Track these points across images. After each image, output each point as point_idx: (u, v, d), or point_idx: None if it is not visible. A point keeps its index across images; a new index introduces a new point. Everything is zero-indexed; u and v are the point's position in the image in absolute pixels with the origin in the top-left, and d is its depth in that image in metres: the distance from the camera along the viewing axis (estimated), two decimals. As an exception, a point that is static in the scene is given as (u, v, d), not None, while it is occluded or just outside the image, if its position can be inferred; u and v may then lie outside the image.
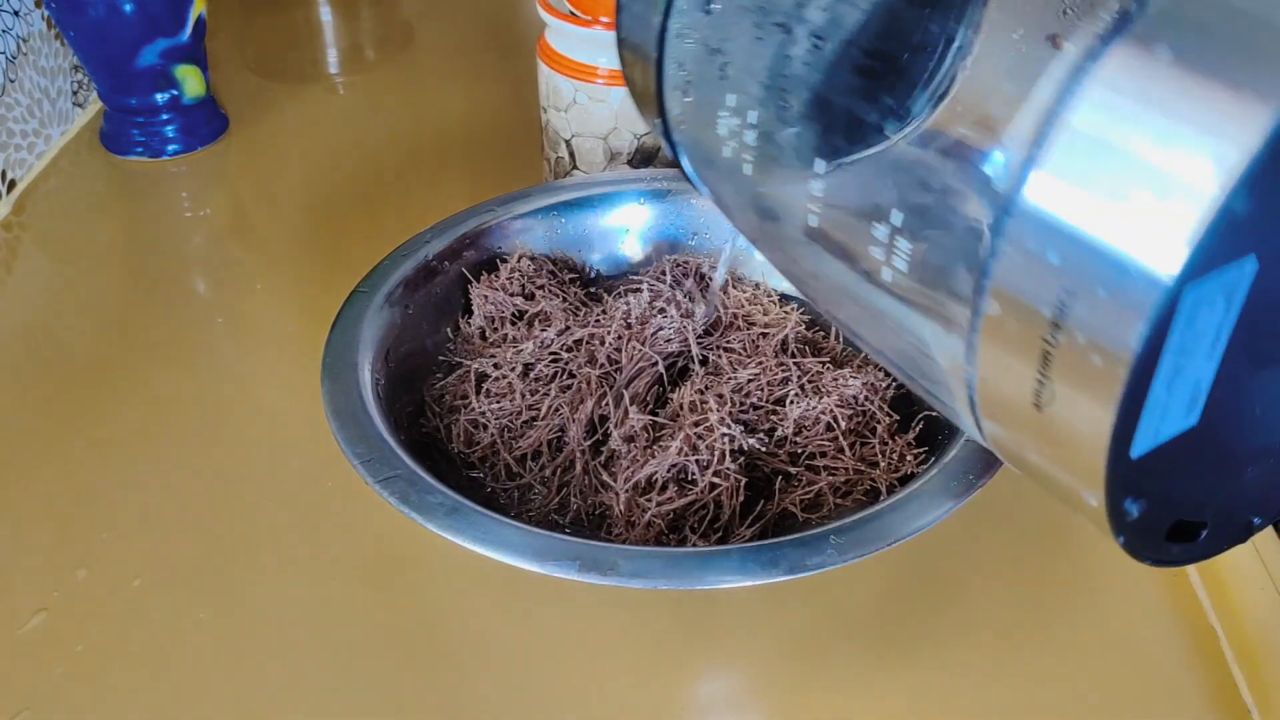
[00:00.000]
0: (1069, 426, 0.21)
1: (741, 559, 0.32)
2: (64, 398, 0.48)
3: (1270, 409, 0.23)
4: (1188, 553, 0.24)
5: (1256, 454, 0.24)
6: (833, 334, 0.46)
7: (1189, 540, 0.24)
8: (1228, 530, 0.24)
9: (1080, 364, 0.20)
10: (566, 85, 0.54)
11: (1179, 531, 0.23)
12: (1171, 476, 0.22)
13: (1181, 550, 0.24)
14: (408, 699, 0.35)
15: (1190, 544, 0.24)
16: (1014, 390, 0.22)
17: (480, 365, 0.44)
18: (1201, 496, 0.23)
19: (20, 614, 0.38)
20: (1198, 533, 0.24)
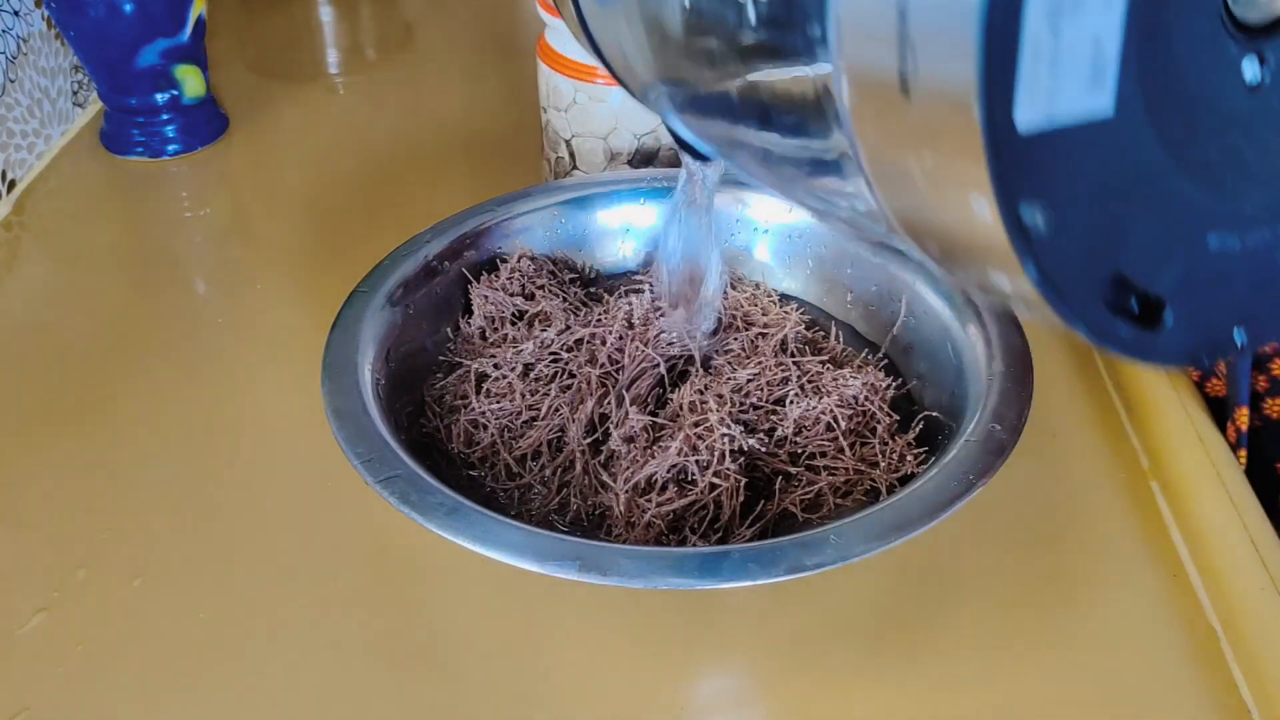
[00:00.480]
0: (938, 98, 0.17)
1: (741, 559, 0.32)
2: (64, 397, 0.48)
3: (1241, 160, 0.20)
4: (1143, 342, 0.20)
5: (1224, 219, 0.20)
6: (833, 334, 0.47)
7: (1147, 324, 0.20)
8: (1201, 329, 0.21)
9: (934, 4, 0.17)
10: (566, 85, 0.54)
11: (1131, 304, 0.20)
12: (1092, 194, 0.18)
13: (1135, 335, 0.20)
14: (408, 699, 0.35)
15: (1147, 329, 0.20)
16: (880, 80, 0.18)
17: (480, 365, 0.44)
18: (1147, 250, 0.19)
19: (20, 614, 0.38)
20: (1157, 314, 0.20)
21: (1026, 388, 0.39)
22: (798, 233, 0.50)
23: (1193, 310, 0.21)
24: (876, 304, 0.48)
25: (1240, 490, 0.41)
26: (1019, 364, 0.40)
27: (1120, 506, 0.42)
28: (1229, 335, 0.21)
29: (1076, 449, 0.45)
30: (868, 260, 0.48)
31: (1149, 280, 0.20)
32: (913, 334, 0.46)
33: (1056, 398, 0.47)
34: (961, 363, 0.42)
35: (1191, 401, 0.45)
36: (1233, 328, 0.21)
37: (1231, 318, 0.21)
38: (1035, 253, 0.18)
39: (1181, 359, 0.21)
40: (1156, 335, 0.20)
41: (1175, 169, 0.19)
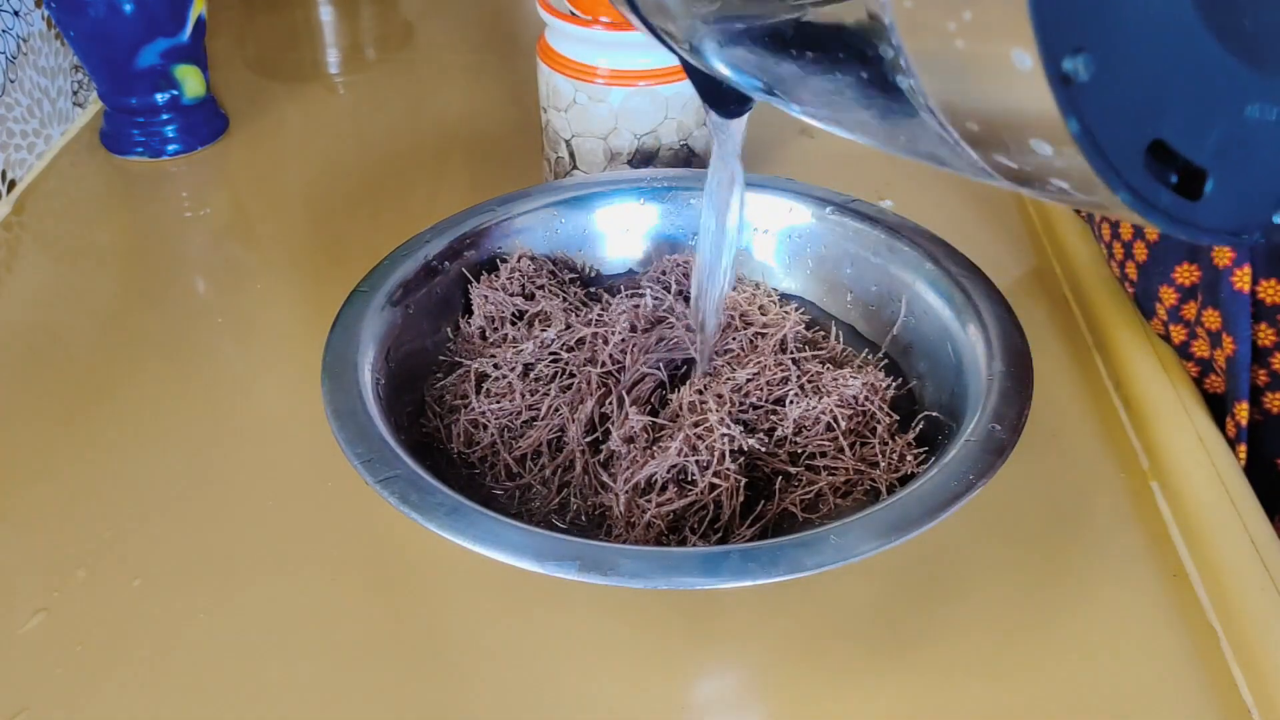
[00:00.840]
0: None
1: (741, 559, 0.32)
2: (64, 397, 0.48)
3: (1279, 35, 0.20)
4: (1183, 210, 0.20)
5: (1262, 92, 0.20)
6: (832, 334, 0.47)
7: (1188, 193, 0.20)
8: (1241, 204, 0.21)
9: None
10: (566, 85, 0.54)
11: (1172, 171, 0.20)
12: (1132, 51, 0.19)
13: (1175, 203, 0.20)
14: (407, 699, 0.35)
15: (1188, 198, 0.20)
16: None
17: (480, 365, 0.44)
18: (1186, 116, 0.20)
19: (20, 614, 0.38)
20: (1198, 184, 0.20)
21: (1026, 388, 0.39)
22: (798, 233, 0.50)
23: (1232, 183, 0.21)
24: (876, 304, 0.48)
25: (1240, 490, 0.41)
26: (1019, 364, 0.40)
27: (1120, 506, 0.42)
28: (1269, 215, 0.22)
29: (1076, 449, 0.45)
30: (868, 260, 0.48)
31: (1189, 148, 0.20)
32: (912, 334, 0.46)
33: (1056, 398, 0.47)
34: (961, 363, 0.42)
35: (1192, 401, 0.45)
36: (1273, 208, 0.21)
37: (1272, 197, 0.21)
38: (1078, 106, 0.18)
39: (1221, 234, 0.21)
40: (1196, 205, 0.20)
41: (1213, 36, 0.20)
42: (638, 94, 0.53)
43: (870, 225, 0.48)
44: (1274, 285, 0.41)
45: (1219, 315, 0.43)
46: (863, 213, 0.49)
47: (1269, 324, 0.41)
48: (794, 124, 0.69)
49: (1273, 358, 0.42)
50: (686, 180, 0.52)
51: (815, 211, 0.50)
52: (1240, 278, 0.41)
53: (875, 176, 0.64)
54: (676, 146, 0.56)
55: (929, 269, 0.46)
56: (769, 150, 0.66)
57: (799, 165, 0.65)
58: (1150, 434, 0.44)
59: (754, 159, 0.65)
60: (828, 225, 0.50)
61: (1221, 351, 0.43)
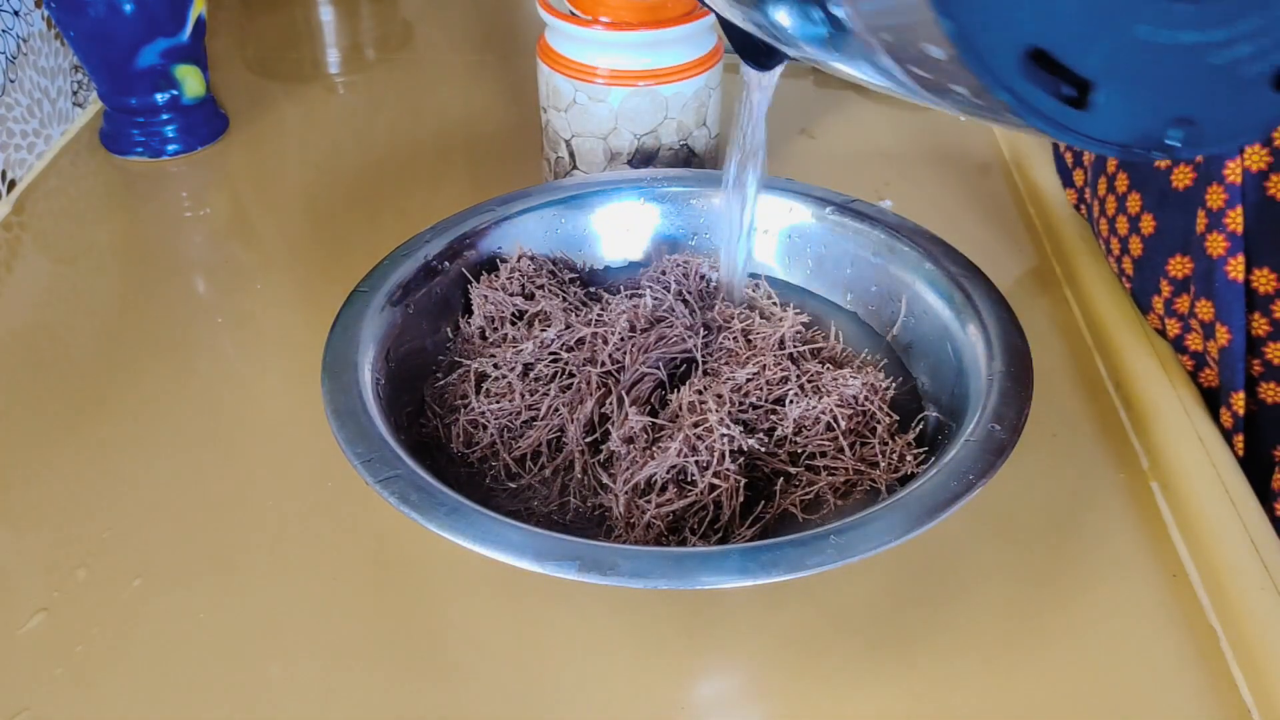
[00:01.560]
0: None
1: (741, 559, 0.32)
2: (64, 398, 0.48)
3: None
4: (1067, 117, 0.21)
5: (1153, 14, 0.21)
6: (832, 334, 0.47)
7: (1077, 103, 0.21)
8: (1134, 119, 0.22)
9: None
10: (566, 85, 0.54)
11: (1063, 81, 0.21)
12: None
13: (1059, 110, 0.21)
14: (407, 699, 0.35)
15: (1074, 107, 0.21)
16: None
17: (480, 365, 0.44)
18: (1070, 28, 0.21)
19: (20, 614, 0.38)
20: (1086, 95, 0.21)
21: (1026, 388, 0.39)
22: (798, 233, 0.50)
23: (1122, 98, 0.21)
24: (876, 304, 0.48)
25: (1240, 490, 0.41)
26: (1019, 364, 0.40)
27: (1120, 506, 0.42)
28: (1162, 133, 0.22)
29: (1076, 449, 0.45)
30: (867, 260, 0.48)
31: (1074, 59, 0.21)
32: (912, 334, 0.46)
33: (1056, 398, 0.47)
34: (961, 363, 0.42)
35: (1191, 401, 0.45)
36: (1168, 125, 0.22)
37: (1166, 115, 0.22)
38: (950, 7, 0.19)
39: (1109, 144, 0.22)
40: (1083, 115, 0.21)
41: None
42: (638, 94, 0.53)
43: (870, 225, 0.48)
44: (1266, 274, 0.41)
45: (1211, 306, 0.43)
46: (863, 213, 0.49)
47: (1262, 313, 0.42)
48: (794, 124, 0.69)
49: (1266, 348, 0.42)
50: (686, 180, 0.52)
51: (815, 211, 0.50)
52: (1234, 267, 0.41)
53: (875, 176, 0.64)
54: (676, 146, 0.56)
55: (929, 269, 0.46)
56: (769, 150, 0.66)
57: (799, 165, 0.65)
58: (1150, 434, 0.44)
59: (754, 159, 0.65)
60: (828, 225, 0.50)
61: (1214, 343, 0.43)
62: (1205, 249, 0.42)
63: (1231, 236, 0.41)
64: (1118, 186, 0.48)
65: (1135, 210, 0.47)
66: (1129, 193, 0.47)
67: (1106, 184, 0.50)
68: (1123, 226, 0.48)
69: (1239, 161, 0.41)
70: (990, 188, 0.63)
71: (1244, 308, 0.42)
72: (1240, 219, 0.41)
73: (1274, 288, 0.41)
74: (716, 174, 0.52)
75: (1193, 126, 0.23)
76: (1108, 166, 0.50)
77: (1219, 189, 0.41)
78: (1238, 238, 0.41)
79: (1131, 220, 0.47)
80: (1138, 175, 0.47)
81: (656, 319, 0.46)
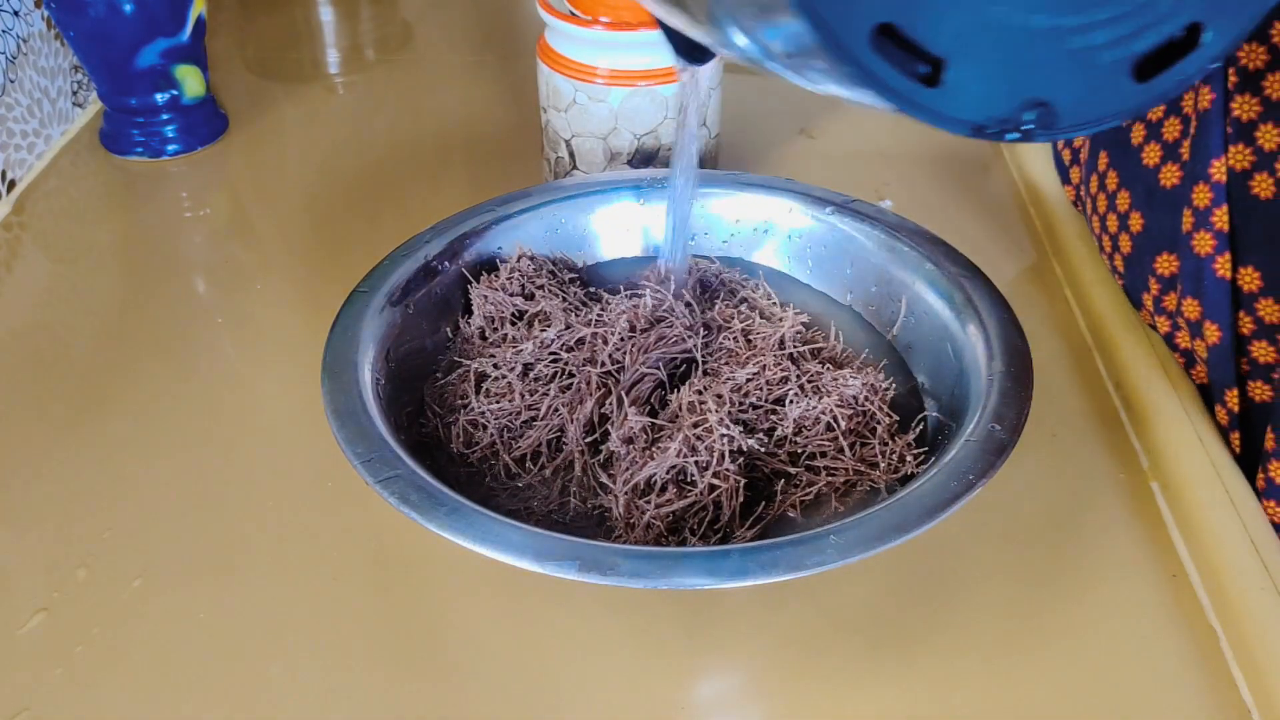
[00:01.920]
0: None
1: (741, 559, 0.32)
2: (64, 398, 0.48)
3: None
4: (918, 95, 0.21)
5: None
6: (832, 334, 0.47)
7: (929, 80, 0.21)
8: (987, 99, 0.22)
9: None
10: (566, 85, 0.54)
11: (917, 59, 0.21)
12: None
13: (909, 87, 0.21)
14: (407, 699, 0.35)
15: (926, 85, 0.21)
16: None
17: (480, 365, 0.44)
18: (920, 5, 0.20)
19: (20, 614, 0.38)
20: (938, 73, 0.21)
21: (1026, 388, 0.39)
22: (798, 233, 0.50)
23: (976, 78, 0.21)
24: (876, 304, 0.48)
25: (1240, 490, 0.41)
26: (1019, 364, 0.40)
27: (1120, 506, 0.42)
28: (1018, 115, 0.22)
29: (1076, 449, 0.45)
30: (867, 260, 0.48)
31: (924, 37, 0.21)
32: (913, 334, 0.46)
33: (1056, 398, 0.47)
34: (961, 363, 0.42)
35: (1191, 401, 0.45)
36: (1021, 107, 0.22)
37: (1019, 97, 0.22)
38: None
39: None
40: (935, 92, 0.21)
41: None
42: (638, 94, 0.53)
43: (870, 225, 0.48)
44: (1251, 272, 0.41)
45: (1198, 305, 0.43)
46: (863, 213, 0.49)
47: (1247, 312, 0.42)
48: (794, 124, 0.69)
49: (1251, 346, 0.42)
50: None
51: (815, 211, 0.50)
52: (1221, 265, 0.42)
53: (875, 176, 0.64)
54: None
55: (929, 269, 0.46)
56: (769, 150, 0.66)
57: (799, 165, 0.65)
58: (1150, 434, 0.44)
59: (754, 159, 0.65)
60: (828, 225, 0.50)
61: (1202, 342, 0.43)
62: (1192, 247, 0.42)
63: (1218, 235, 0.41)
64: (1107, 184, 0.48)
65: (1124, 208, 0.47)
66: (1118, 190, 0.47)
67: (1098, 182, 0.50)
68: (1113, 224, 0.48)
69: (1224, 160, 0.41)
70: (990, 187, 0.63)
71: (1231, 305, 0.42)
72: (1226, 217, 0.41)
73: (1258, 286, 0.41)
74: (718, 174, 0.52)
75: (1046, 109, 0.22)
76: (1099, 164, 0.50)
77: (1205, 188, 0.41)
78: (1224, 236, 0.41)
79: (1121, 218, 0.48)
80: (1126, 173, 0.47)
81: (656, 319, 0.46)
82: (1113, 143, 0.48)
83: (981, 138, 0.23)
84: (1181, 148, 0.43)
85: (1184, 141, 0.43)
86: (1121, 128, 0.47)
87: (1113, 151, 0.48)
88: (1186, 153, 0.43)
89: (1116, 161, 0.48)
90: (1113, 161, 0.48)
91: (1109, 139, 0.49)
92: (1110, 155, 0.48)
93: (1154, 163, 0.45)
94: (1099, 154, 0.49)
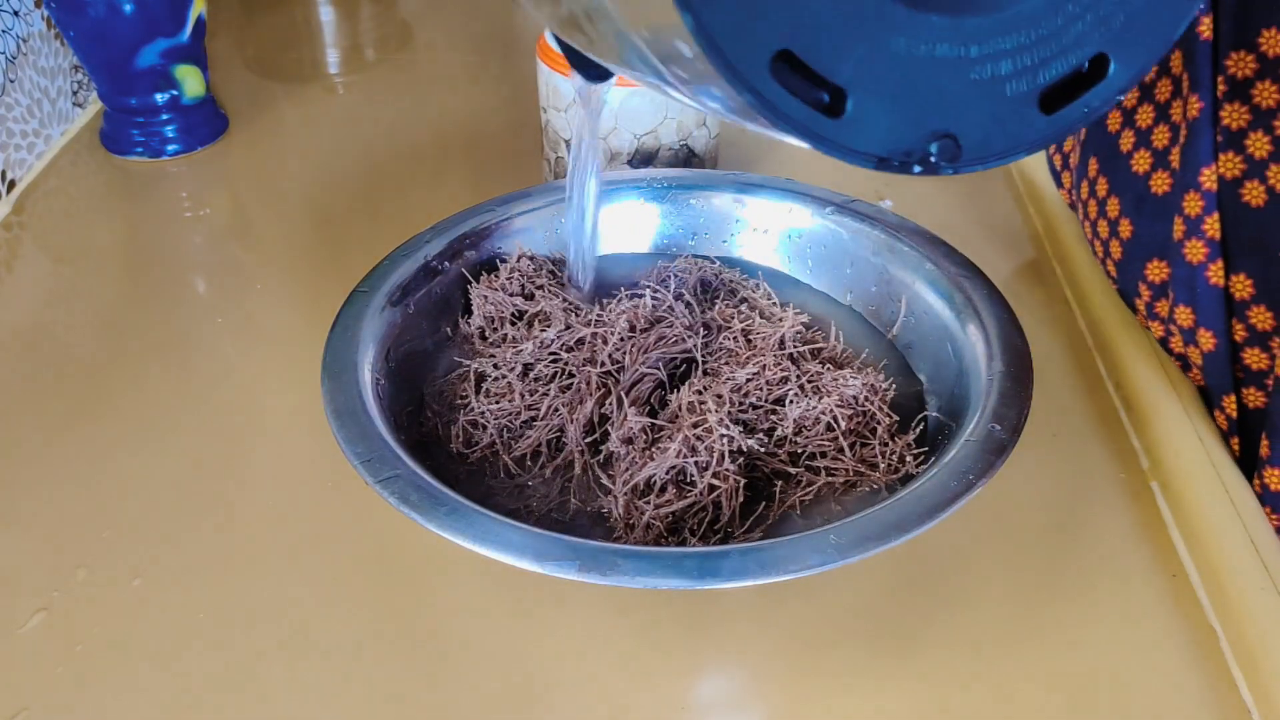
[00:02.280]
0: None
1: (741, 559, 0.32)
2: (64, 398, 0.48)
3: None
4: (818, 125, 0.21)
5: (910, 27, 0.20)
6: (832, 334, 0.47)
7: (831, 111, 0.20)
8: (891, 130, 0.21)
9: None
10: (566, 85, 0.54)
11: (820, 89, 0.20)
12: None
13: (809, 116, 0.20)
14: (407, 699, 0.35)
15: (830, 115, 0.20)
16: None
17: (480, 365, 0.44)
18: (822, 34, 0.20)
19: (20, 614, 0.38)
20: (841, 103, 0.20)
21: (1026, 388, 0.39)
22: (798, 233, 0.50)
23: (878, 108, 0.21)
24: (876, 304, 0.48)
25: (1240, 490, 0.41)
26: (1019, 364, 0.40)
27: (1120, 506, 0.42)
28: (924, 146, 0.22)
29: (1076, 449, 0.45)
30: (867, 260, 0.48)
31: (825, 66, 0.20)
32: (913, 334, 0.46)
33: (1056, 398, 0.47)
34: (961, 363, 0.42)
35: (1191, 401, 0.45)
36: (926, 139, 0.22)
37: (926, 127, 0.22)
38: (692, 3, 0.19)
39: (865, 156, 0.22)
40: (838, 124, 0.21)
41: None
42: (638, 94, 0.53)
43: (870, 225, 0.48)
44: (1243, 280, 0.41)
45: (1192, 312, 0.43)
46: (863, 213, 0.49)
47: (1239, 319, 0.42)
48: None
49: (1244, 353, 0.42)
50: (686, 180, 0.52)
51: (815, 211, 0.50)
52: (1214, 272, 0.42)
53: (875, 176, 0.64)
54: (676, 146, 0.56)
55: (929, 269, 0.46)
56: (769, 150, 0.66)
57: (799, 165, 0.65)
58: (1150, 434, 0.44)
59: (754, 159, 0.65)
60: (828, 225, 0.50)
61: (1197, 348, 0.44)
62: (1184, 255, 0.42)
63: (1210, 243, 0.41)
64: (1097, 190, 0.48)
65: (1114, 214, 0.47)
66: (1107, 197, 0.47)
67: (1088, 188, 0.50)
68: (1104, 229, 0.48)
69: (1214, 169, 0.41)
70: (990, 187, 0.63)
71: (1225, 313, 0.42)
72: (1218, 225, 0.41)
73: (1250, 294, 0.41)
74: (718, 174, 0.52)
75: (951, 141, 0.22)
76: (1088, 170, 0.50)
77: (1195, 196, 0.41)
78: (1216, 244, 0.41)
79: (1111, 224, 0.48)
80: (1115, 179, 0.47)
81: (656, 319, 0.46)
82: (1102, 149, 0.48)
83: (885, 170, 0.22)
84: (1171, 155, 0.43)
85: (1173, 149, 0.43)
86: (1110, 134, 0.47)
87: (1102, 158, 0.48)
88: (1176, 161, 0.43)
89: (1106, 168, 0.48)
90: (1102, 168, 0.48)
91: (1098, 145, 0.48)
92: (1100, 161, 0.48)
93: (1144, 170, 0.45)
94: (1089, 160, 0.49)
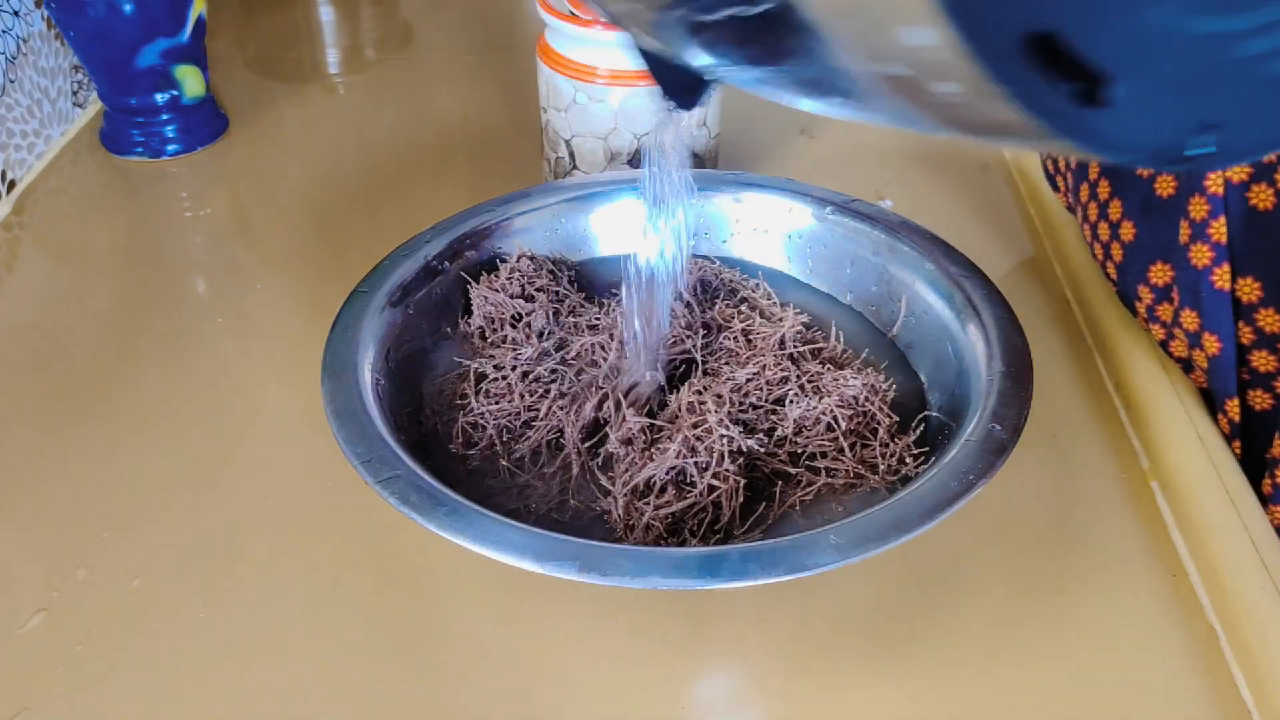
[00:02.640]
0: None
1: (741, 559, 0.32)
2: (64, 398, 0.48)
3: None
4: (1081, 117, 0.18)
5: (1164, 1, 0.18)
6: (832, 334, 0.47)
7: (1092, 100, 0.18)
8: (1160, 122, 0.19)
9: None
10: (566, 85, 0.54)
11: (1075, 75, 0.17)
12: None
13: (1068, 106, 0.18)
14: (407, 699, 0.35)
15: (1093, 106, 0.18)
16: None
17: (480, 365, 0.44)
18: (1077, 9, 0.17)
19: (20, 614, 0.38)
20: (1103, 89, 0.18)
21: (1026, 388, 0.39)
22: (798, 233, 0.50)
23: (1150, 96, 0.18)
24: (876, 304, 0.48)
25: (1240, 490, 0.41)
26: (1019, 364, 0.40)
27: (1120, 506, 0.42)
28: (1192, 136, 0.19)
29: (1076, 449, 0.45)
30: (867, 260, 0.48)
31: (1085, 45, 0.17)
32: (913, 333, 0.46)
33: (1056, 398, 0.47)
34: (962, 362, 0.42)
35: (1191, 401, 0.45)
36: (1199, 129, 0.19)
37: (1196, 116, 0.19)
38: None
39: (1138, 153, 0.19)
40: (1101, 114, 0.18)
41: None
42: (638, 94, 0.53)
43: (870, 225, 0.48)
44: (1250, 283, 0.41)
45: (1197, 316, 0.43)
46: (863, 213, 0.49)
47: (1247, 323, 0.42)
48: (794, 124, 0.69)
49: (1251, 356, 0.42)
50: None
51: (815, 211, 0.50)
52: (1220, 276, 0.41)
53: (875, 176, 0.64)
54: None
55: (929, 269, 0.46)
56: (769, 150, 0.66)
57: (799, 165, 0.65)
58: (1150, 434, 0.44)
59: (754, 159, 0.65)
60: (828, 225, 0.50)
61: (1201, 352, 0.43)
62: (1189, 259, 0.42)
63: (1216, 246, 0.41)
64: (1099, 193, 0.48)
65: (1116, 217, 0.47)
66: (1110, 199, 0.47)
67: (1089, 190, 0.50)
68: (1104, 232, 0.48)
69: (1220, 173, 0.41)
70: (990, 187, 0.63)
71: (1232, 317, 0.42)
72: (1224, 229, 0.41)
73: (1258, 297, 0.41)
74: (718, 174, 0.52)
75: (1221, 132, 0.19)
76: (1089, 173, 0.50)
77: (1201, 200, 0.41)
78: (1222, 247, 0.41)
79: (1112, 226, 0.47)
80: (1120, 183, 0.47)
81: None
82: None
83: (1154, 167, 0.19)
84: None
85: None
86: None
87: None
88: None
89: (1109, 170, 0.48)
90: (1105, 170, 0.48)
91: None
92: (1102, 163, 0.48)
93: (1149, 172, 0.45)
94: (1090, 161, 0.49)
